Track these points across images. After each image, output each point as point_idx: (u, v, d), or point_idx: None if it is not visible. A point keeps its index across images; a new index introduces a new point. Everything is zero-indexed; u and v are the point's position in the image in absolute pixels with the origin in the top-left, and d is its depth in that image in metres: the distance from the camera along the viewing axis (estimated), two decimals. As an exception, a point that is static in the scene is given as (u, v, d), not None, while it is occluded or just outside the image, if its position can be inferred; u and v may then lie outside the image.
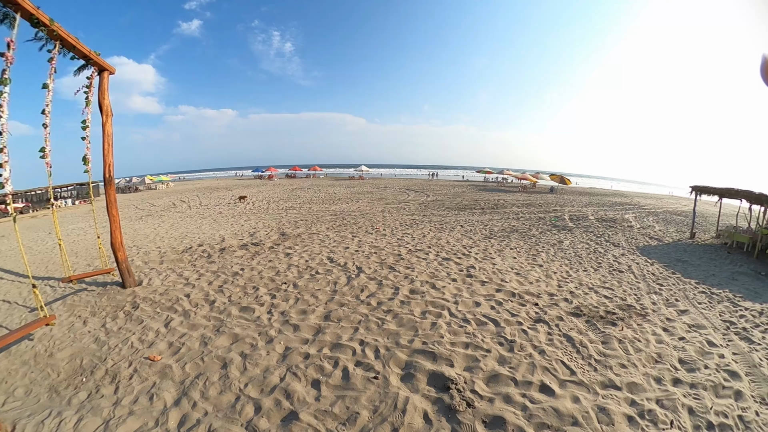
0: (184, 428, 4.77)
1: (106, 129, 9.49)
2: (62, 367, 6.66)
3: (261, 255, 12.72)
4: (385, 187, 45.85)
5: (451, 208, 24.22)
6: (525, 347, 5.99)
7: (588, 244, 13.83)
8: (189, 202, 33.88)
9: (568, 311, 7.46)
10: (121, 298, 9.55)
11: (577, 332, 6.55)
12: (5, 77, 6.03)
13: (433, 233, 15.40)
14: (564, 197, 33.82)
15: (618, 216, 21.83)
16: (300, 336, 6.70)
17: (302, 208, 26.31)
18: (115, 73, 9.77)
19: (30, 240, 20.14)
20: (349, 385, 5.18)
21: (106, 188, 10.01)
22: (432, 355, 5.73)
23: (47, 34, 7.22)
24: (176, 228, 20.07)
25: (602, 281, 9.47)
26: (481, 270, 9.91)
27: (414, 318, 7.04)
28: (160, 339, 7.19)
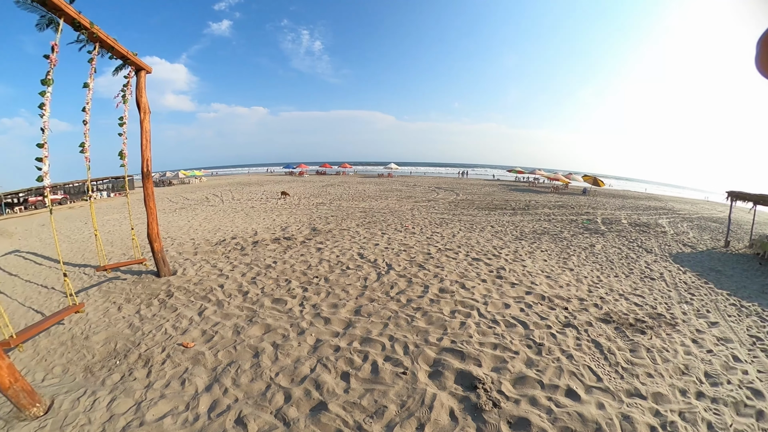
0: (214, 413, 4.90)
1: (144, 125, 9.95)
2: (97, 350, 6.97)
3: (293, 249, 12.92)
4: (415, 185, 45.75)
5: (481, 208, 23.98)
6: (553, 351, 5.96)
7: (620, 249, 13.56)
8: (222, 197, 34.47)
9: (597, 317, 7.36)
10: (155, 286, 9.90)
11: (606, 339, 6.47)
12: (49, 78, 6.37)
13: (462, 233, 15.30)
14: (597, 199, 33.15)
15: (651, 221, 21.32)
16: (331, 329, 6.81)
17: (332, 204, 26.50)
18: (151, 72, 10.17)
19: (68, 230, 21.31)
20: (378, 379, 5.25)
21: (143, 182, 10.40)
22: (460, 354, 5.75)
23: (88, 36, 7.60)
24: (209, 221, 20.53)
25: (633, 288, 9.29)
26: (512, 272, 9.83)
27: (443, 317, 7.05)
28: (193, 327, 7.42)
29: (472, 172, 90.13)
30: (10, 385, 4.86)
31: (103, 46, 8.24)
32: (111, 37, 8.18)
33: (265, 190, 40.28)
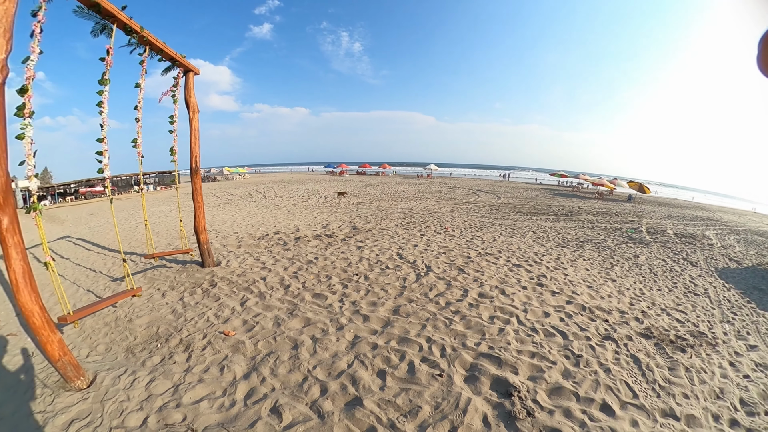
0: (250, 400, 5.02)
1: (193, 124, 10.48)
2: (139, 332, 7.28)
3: (334, 246, 13.07)
4: (455, 187, 45.53)
5: (523, 212, 23.58)
6: (591, 363, 5.84)
7: (665, 261, 13.07)
8: (264, 193, 35.19)
9: (638, 331, 7.12)
10: (199, 276, 10.22)
11: (645, 354, 6.26)
12: (105, 78, 6.77)
13: (503, 237, 15.05)
14: (642, 207, 32.07)
15: (698, 232, 20.44)
16: (369, 326, 6.86)
17: (372, 204, 26.61)
18: (199, 73, 10.59)
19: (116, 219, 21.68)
20: (414, 379, 5.25)
21: (192, 177, 10.91)
22: (497, 360, 5.69)
23: (138, 40, 8.00)
24: (253, 216, 21.04)
25: (676, 303, 8.95)
26: (552, 280, 9.64)
27: (482, 322, 6.99)
28: (235, 316, 7.62)
29: (514, 175, 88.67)
30: (59, 358, 5.23)
31: (152, 49, 8.64)
32: (160, 40, 8.56)
33: (307, 188, 40.88)
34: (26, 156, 5.26)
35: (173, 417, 4.82)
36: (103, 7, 6.66)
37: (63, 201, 40.50)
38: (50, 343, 5.22)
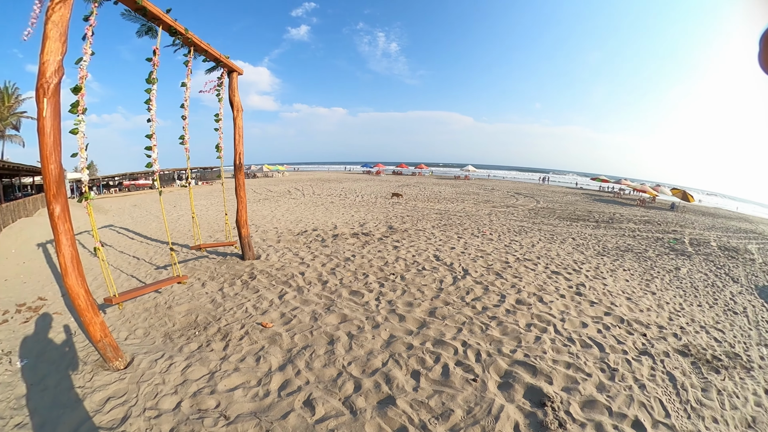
0: (284, 392, 5.10)
1: (237, 122, 10.84)
2: (178, 319, 7.51)
3: (371, 245, 13.14)
4: (492, 189, 45.01)
5: (562, 218, 23.09)
6: (626, 378, 5.68)
7: (706, 276, 12.50)
8: (303, 191, 35.77)
9: (675, 348, 6.87)
10: (239, 268, 10.47)
11: (681, 373, 6.02)
12: (153, 77, 7.15)
13: (542, 243, 14.77)
14: (685, 216, 30.82)
15: (741, 245, 19.46)
16: (405, 327, 6.86)
17: (408, 204, 26.63)
18: (243, 74, 10.91)
19: (158, 211, 23.74)
20: (448, 382, 5.23)
21: (235, 173, 11.33)
22: (533, 368, 5.60)
23: (183, 41, 8.32)
24: (291, 212, 21.47)
25: (715, 321, 8.57)
26: (591, 289, 9.41)
27: (518, 329, 6.90)
28: (273, 308, 7.76)
29: (554, 178, 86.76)
30: (100, 339, 5.55)
31: (197, 50, 8.95)
32: (204, 41, 8.89)
33: (344, 187, 41.24)
34: (79, 149, 5.57)
35: (207, 403, 4.94)
36: (149, 10, 6.97)
37: (107, 192, 42.84)
38: (93, 325, 5.51)
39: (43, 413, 4.94)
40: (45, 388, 5.47)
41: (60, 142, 5.14)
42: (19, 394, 5.36)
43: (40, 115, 4.96)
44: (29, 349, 6.76)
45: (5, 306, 8.86)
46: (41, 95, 4.94)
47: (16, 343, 6.93)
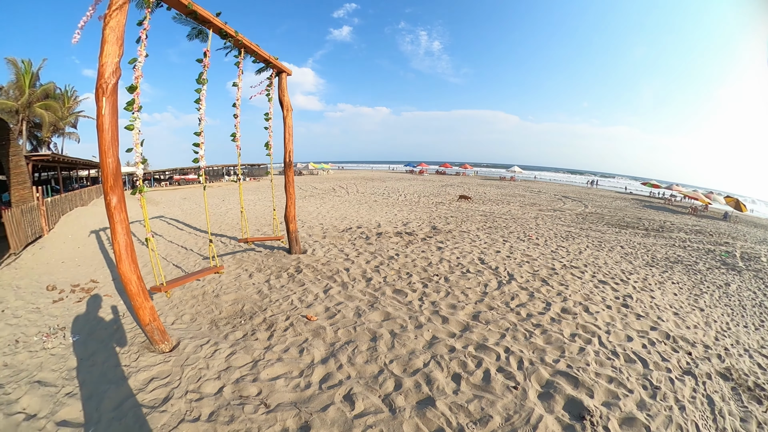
0: (325, 385, 5.17)
1: (287, 121, 11.12)
2: (225, 308, 7.73)
3: (414, 244, 13.12)
4: (539, 192, 44.14)
5: (611, 224, 22.27)
6: (667, 398, 5.45)
7: (755, 294, 11.67)
8: (347, 189, 36.19)
9: (718, 370, 6.50)
10: (286, 261, 10.69)
11: (720, 398, 5.70)
12: (203, 78, 7.47)
13: (590, 250, 14.32)
14: (737, 227, 28.76)
15: None
16: (448, 329, 6.81)
17: (452, 205, 26.47)
18: (291, 74, 11.15)
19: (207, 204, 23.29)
20: (488, 388, 5.18)
21: (285, 170, 11.67)
22: (575, 380, 5.47)
23: (234, 43, 8.62)
24: (336, 209, 21.78)
25: (760, 344, 8.03)
26: (638, 302, 9.07)
27: (562, 338, 6.74)
28: (318, 302, 7.87)
29: (602, 182, 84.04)
30: (149, 323, 5.83)
31: (246, 51, 9.22)
32: (254, 43, 9.13)
33: (387, 186, 41.37)
34: (134, 145, 5.89)
35: (249, 390, 5.07)
36: (199, 14, 7.25)
37: (158, 185, 45.06)
38: (143, 309, 5.79)
39: (90, 386, 5.25)
40: (94, 363, 5.81)
41: (117, 137, 5.49)
42: (71, 367, 5.75)
43: (99, 112, 5.30)
44: (81, 326, 7.21)
45: (61, 285, 9.46)
46: (100, 94, 5.29)
47: (70, 320, 7.44)
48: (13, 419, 4.63)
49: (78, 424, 4.59)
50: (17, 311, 7.96)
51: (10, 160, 15.54)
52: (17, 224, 12.66)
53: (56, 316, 7.70)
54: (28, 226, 13.74)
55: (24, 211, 13.39)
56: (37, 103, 42.48)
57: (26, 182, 16.12)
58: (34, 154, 21.57)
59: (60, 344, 6.50)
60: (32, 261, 12.07)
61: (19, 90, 41.43)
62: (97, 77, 5.31)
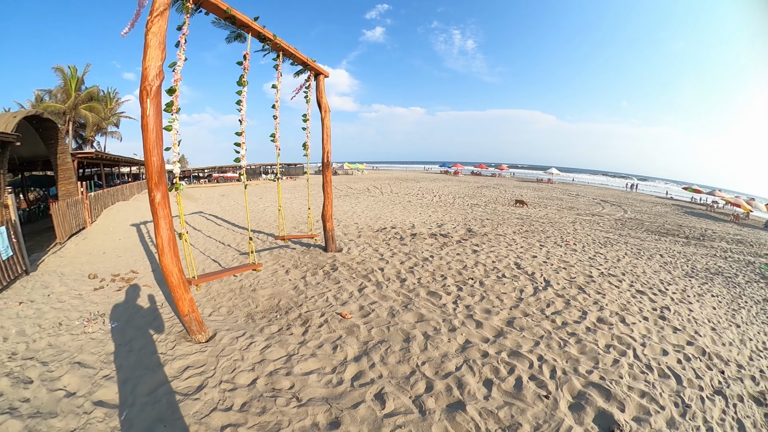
0: (357, 382, 5.22)
1: (325, 123, 11.31)
2: (261, 302, 7.91)
3: (449, 247, 13.03)
4: (577, 195, 43.21)
5: (651, 231, 21.51)
6: (696, 417, 5.20)
7: None
8: (381, 189, 36.34)
9: (751, 393, 6.16)
10: (322, 259, 10.84)
11: (752, 423, 5.40)
12: (244, 80, 7.73)
13: (628, 258, 13.88)
14: None
15: None
16: (481, 334, 6.76)
17: (487, 207, 26.20)
18: (329, 76, 11.33)
19: (243, 201, 25.15)
20: (519, 395, 5.12)
21: (323, 170, 11.81)
22: (607, 393, 5.35)
23: (272, 46, 8.80)
24: (371, 209, 21.85)
25: None
26: (676, 314, 8.71)
27: (597, 349, 6.57)
28: (352, 300, 7.96)
29: (643, 185, 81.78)
30: (187, 314, 6.04)
31: (285, 54, 9.40)
32: (291, 46, 9.32)
33: (421, 186, 41.26)
34: (173, 144, 6.18)
35: (281, 383, 5.18)
36: (238, 19, 7.49)
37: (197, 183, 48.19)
38: (182, 301, 6.01)
39: (126, 371, 5.49)
40: (131, 349, 6.08)
41: (161, 137, 5.75)
42: (109, 351, 6.07)
43: (144, 113, 5.54)
44: (120, 313, 7.55)
45: (102, 274, 9.88)
46: (144, 96, 5.52)
47: (109, 307, 7.83)
48: (54, 395, 4.96)
49: (113, 405, 4.81)
50: (61, 296, 8.50)
51: (58, 158, 16.62)
52: (63, 216, 13.54)
53: (97, 303, 8.12)
54: (73, 218, 14.68)
55: (69, 205, 14.34)
56: (82, 105, 45.25)
57: (72, 178, 17.21)
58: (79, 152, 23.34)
59: (99, 329, 6.85)
60: (76, 250, 12.61)
61: (66, 93, 44.58)
62: (141, 80, 5.55)
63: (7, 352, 6.16)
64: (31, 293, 8.69)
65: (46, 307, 7.91)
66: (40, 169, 25.77)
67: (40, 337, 6.62)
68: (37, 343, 6.37)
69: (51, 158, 16.68)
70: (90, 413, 4.63)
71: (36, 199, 26.21)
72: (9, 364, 5.79)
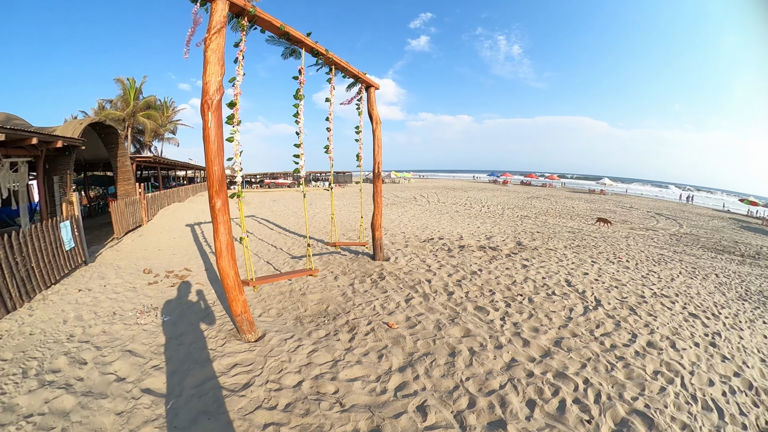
0: (400, 393, 5.25)
1: (376, 134, 11.56)
2: (310, 306, 8.13)
3: (498, 260, 12.85)
4: (630, 208, 41.49)
5: (706, 248, 20.21)
6: None
7: None
8: (428, 198, 36.51)
9: None
10: (370, 267, 10.98)
11: None
12: (300, 94, 8.00)
13: (683, 278, 13.09)
14: None
15: None
16: (528, 352, 6.64)
17: (537, 219, 25.62)
18: (379, 88, 11.54)
19: (296, 207, 26.51)
20: (562, 419, 5.03)
21: (374, 180, 12.09)
22: (650, 422, 5.14)
23: (324, 61, 9.11)
24: (417, 218, 21.88)
25: None
26: (726, 341, 8.14)
27: (644, 375, 6.32)
28: (399, 311, 8.00)
29: (698, 196, 79.52)
30: (240, 314, 6.32)
31: (337, 68, 9.72)
32: (343, 60, 9.59)
33: (469, 196, 41.04)
34: (234, 155, 6.51)
35: (326, 387, 5.29)
36: (292, 35, 7.83)
37: (249, 188, 52.10)
38: (236, 302, 6.29)
39: (175, 363, 5.78)
40: (181, 343, 6.39)
41: (222, 148, 6.09)
42: (159, 343, 6.42)
43: (205, 126, 5.88)
44: (172, 308, 7.95)
45: (156, 270, 10.41)
46: (206, 110, 5.86)
47: (162, 302, 8.27)
48: (106, 378, 5.35)
49: (160, 394, 5.06)
50: (116, 288, 9.10)
51: (118, 160, 18.00)
52: (121, 214, 14.68)
53: (150, 297, 8.60)
54: (130, 216, 15.86)
55: (127, 203, 15.80)
56: (140, 113, 49.07)
57: (130, 179, 18.63)
58: (138, 155, 25.38)
59: (152, 322, 7.26)
60: (132, 246, 13.29)
61: (125, 102, 48.40)
62: (202, 94, 5.89)
63: (66, 333, 6.76)
64: (89, 282, 9.36)
65: (102, 296, 8.50)
66: (101, 169, 27.76)
67: (95, 323, 7.14)
68: (92, 329, 6.91)
69: (111, 161, 18.03)
70: (138, 399, 4.91)
71: (96, 196, 27.91)
72: (67, 344, 6.35)
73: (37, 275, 8.43)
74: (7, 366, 5.67)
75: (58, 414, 4.62)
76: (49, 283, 8.86)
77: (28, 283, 8.09)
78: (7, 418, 4.56)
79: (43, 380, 5.29)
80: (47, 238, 8.91)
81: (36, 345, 6.29)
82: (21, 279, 7.82)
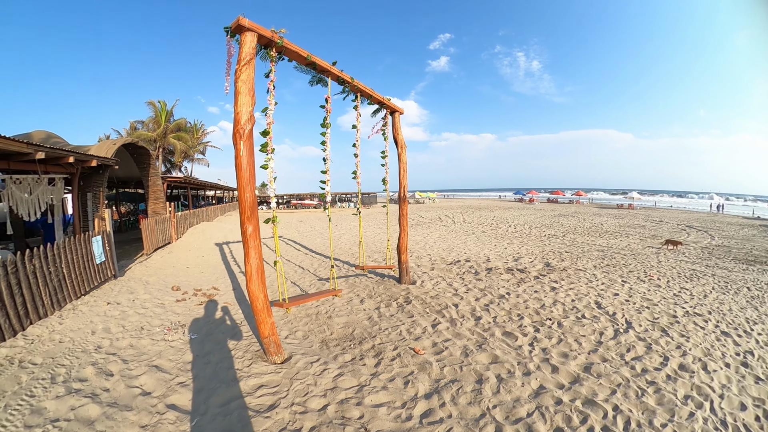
0: (426, 420, 5.21)
1: (402, 158, 11.78)
2: (336, 329, 8.15)
3: (526, 283, 12.64)
4: (660, 221, 40.03)
5: (738, 260, 19.13)
6: None
7: None
8: (453, 218, 36.31)
9: None
10: (396, 290, 10.98)
11: None
12: (327, 122, 8.30)
13: (715, 294, 12.46)
14: None
15: None
16: (557, 379, 6.53)
17: (566, 237, 25.03)
18: (403, 113, 11.76)
19: (321, 228, 26.71)
20: (589, 447, 4.90)
21: (399, 204, 12.23)
22: None
23: (350, 88, 9.40)
24: (443, 240, 21.57)
25: None
26: (760, 360, 7.69)
27: (675, 400, 6.10)
28: (426, 336, 7.94)
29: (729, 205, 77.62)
30: (267, 336, 6.46)
31: (362, 95, 9.96)
32: (368, 87, 9.83)
33: (495, 216, 40.54)
34: (269, 181, 6.81)
35: (351, 412, 5.29)
36: (318, 65, 8.03)
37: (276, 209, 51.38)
38: (264, 324, 6.44)
39: (202, 381, 5.91)
40: (208, 362, 6.51)
41: (254, 175, 6.29)
42: (186, 360, 6.58)
43: (237, 154, 6.06)
44: (200, 326, 8.14)
45: (185, 287, 10.66)
46: (238, 139, 6.06)
47: (189, 319, 8.50)
48: (131, 391, 5.54)
49: (185, 411, 5.17)
50: (145, 303, 9.41)
51: (150, 179, 18.70)
52: (151, 231, 15.28)
53: (178, 314, 8.86)
54: (160, 233, 16.39)
55: (157, 221, 16.50)
56: (171, 135, 51.35)
57: (161, 198, 19.26)
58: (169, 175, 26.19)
59: (179, 339, 7.46)
60: (161, 262, 13.60)
61: (157, 124, 51.00)
62: (234, 124, 6.10)
63: (94, 344, 7.08)
64: (117, 296, 9.73)
65: (130, 310, 8.82)
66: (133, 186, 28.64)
67: (122, 336, 7.43)
68: (119, 342, 7.19)
69: (143, 180, 18.77)
70: (162, 414, 5.04)
71: (127, 212, 28.78)
72: (95, 355, 6.65)
73: (68, 286, 8.98)
74: (37, 370, 6.02)
75: (83, 421, 4.81)
76: (79, 293, 9.41)
77: (60, 292, 8.63)
78: (35, 420, 4.79)
79: (71, 387, 5.55)
80: (80, 251, 9.48)
81: (65, 353, 6.62)
82: (53, 288, 8.37)
